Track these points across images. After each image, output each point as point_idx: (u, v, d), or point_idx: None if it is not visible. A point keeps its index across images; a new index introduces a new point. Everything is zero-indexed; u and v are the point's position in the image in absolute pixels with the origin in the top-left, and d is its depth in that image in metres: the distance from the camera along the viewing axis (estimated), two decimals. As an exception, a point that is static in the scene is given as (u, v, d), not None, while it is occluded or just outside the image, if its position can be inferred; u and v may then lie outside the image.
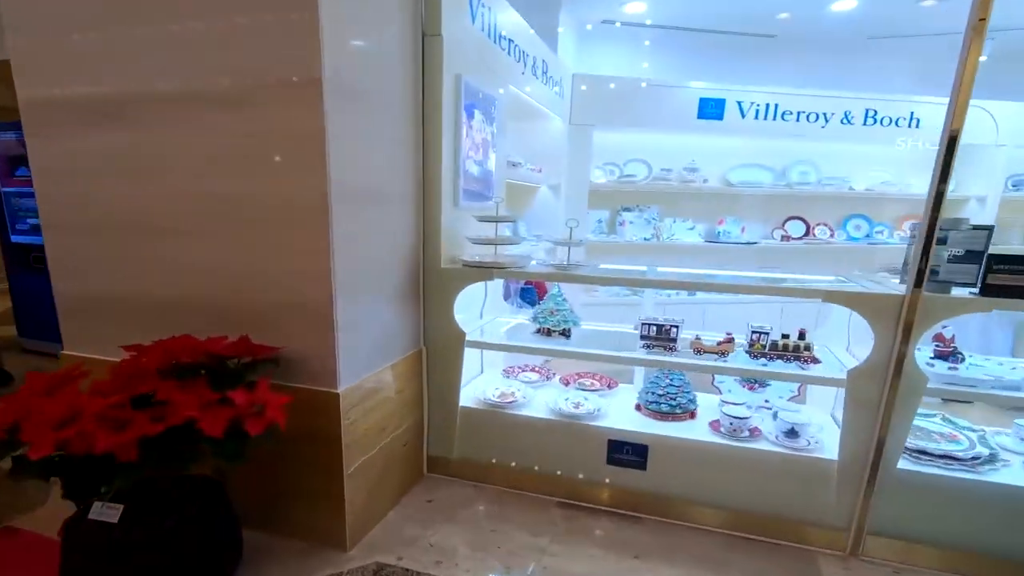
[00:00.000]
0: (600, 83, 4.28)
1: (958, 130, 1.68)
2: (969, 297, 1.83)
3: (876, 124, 4.65)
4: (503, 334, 2.82)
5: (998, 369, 2.10)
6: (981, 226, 1.84)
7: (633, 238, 4.86)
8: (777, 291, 2.03)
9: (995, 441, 2.27)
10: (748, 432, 2.32)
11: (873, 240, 5.35)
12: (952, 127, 1.69)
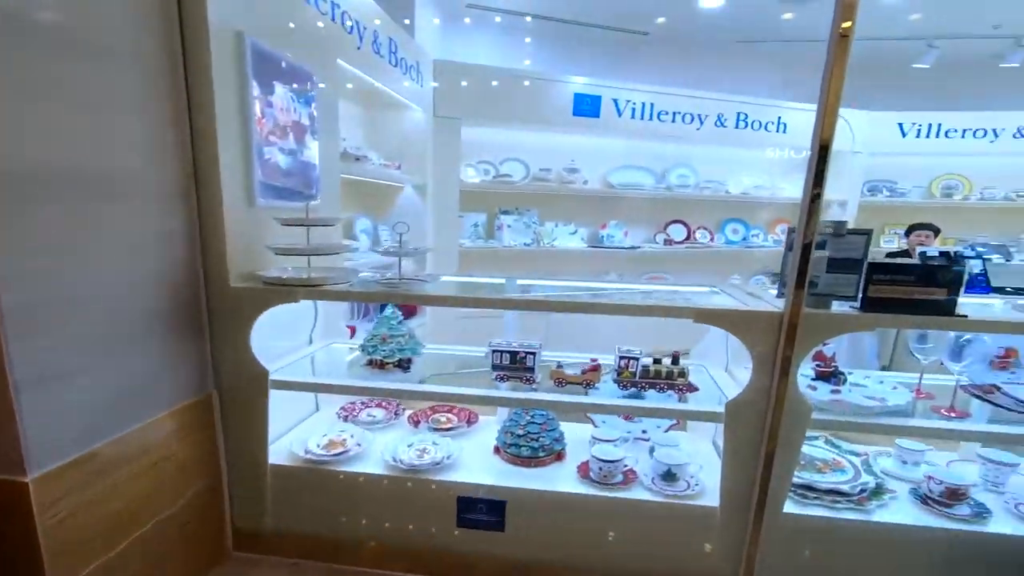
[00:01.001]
0: (466, 73, 3.85)
1: (829, 138, 1.43)
2: (851, 313, 1.57)
3: (747, 128, 4.63)
4: (346, 363, 2.29)
5: (879, 388, 1.90)
6: (858, 230, 1.59)
7: (512, 243, 4.48)
8: (644, 311, 1.67)
9: (879, 467, 2.09)
10: (621, 476, 1.96)
11: (750, 243, 5.38)
12: (823, 136, 1.43)
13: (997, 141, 5.01)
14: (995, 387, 1.82)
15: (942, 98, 5.09)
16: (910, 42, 4.66)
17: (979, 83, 5.18)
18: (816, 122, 1.46)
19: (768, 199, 5.22)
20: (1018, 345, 1.95)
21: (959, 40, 4.55)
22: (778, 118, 4.69)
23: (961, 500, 1.81)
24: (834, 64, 1.40)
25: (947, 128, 5.02)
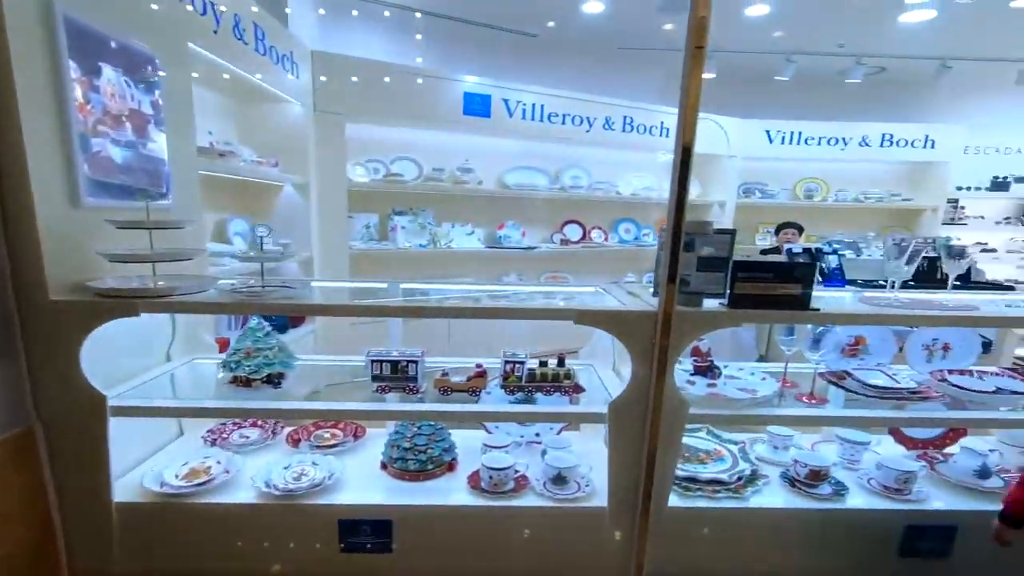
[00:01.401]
0: (349, 67, 3.65)
1: (690, 143, 1.46)
2: (720, 310, 1.63)
3: (634, 131, 4.81)
4: (214, 381, 2.04)
5: (752, 380, 2.00)
6: (724, 229, 1.66)
7: (407, 244, 4.33)
8: (523, 313, 1.63)
9: (754, 453, 2.21)
10: (513, 483, 1.91)
11: (641, 243, 5.60)
12: (684, 140, 1.47)
13: (847, 148, 5.60)
14: (847, 373, 1.98)
15: (801, 108, 5.62)
16: (773, 56, 5.09)
17: (830, 96, 5.78)
18: (678, 128, 1.48)
19: (656, 200, 5.47)
20: (866, 334, 2.14)
21: (812, 56, 5.02)
22: (661, 123, 4.92)
23: (823, 480, 1.95)
24: (691, 75, 1.43)
25: (806, 136, 5.53)
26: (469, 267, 4.83)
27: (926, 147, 5.62)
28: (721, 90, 5.97)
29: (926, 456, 2.19)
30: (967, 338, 2.14)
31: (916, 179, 6.01)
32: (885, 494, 1.94)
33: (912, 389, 1.87)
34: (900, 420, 1.86)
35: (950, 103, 6.09)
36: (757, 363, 2.22)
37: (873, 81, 5.78)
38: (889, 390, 1.86)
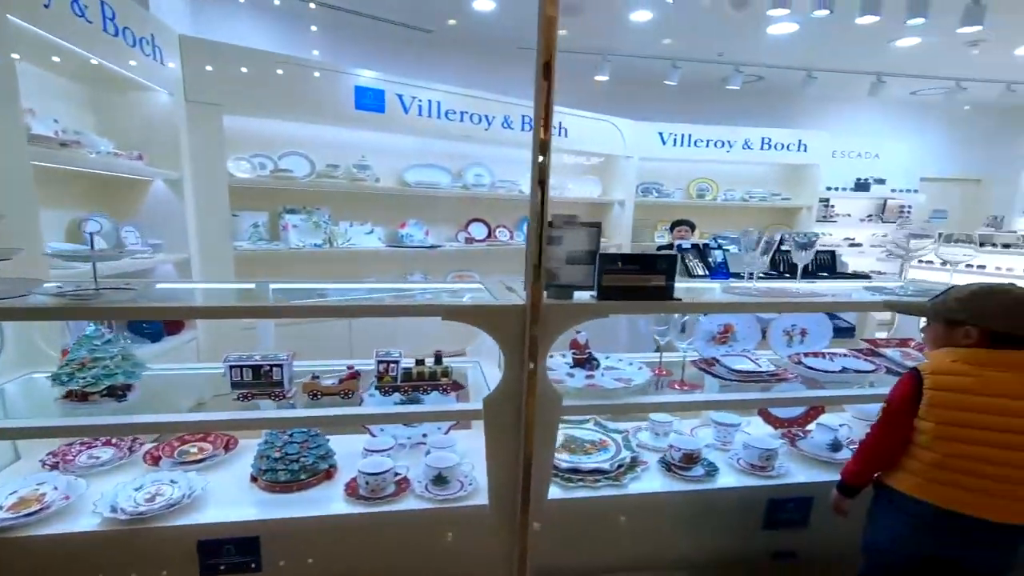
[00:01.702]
0: (225, 55, 3.41)
1: (546, 141, 1.47)
2: (590, 302, 1.65)
3: (532, 131, 4.86)
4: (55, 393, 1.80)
5: (629, 370, 2.06)
6: (589, 223, 1.68)
7: (300, 244, 4.11)
8: (394, 311, 1.58)
9: (637, 441, 2.28)
10: (394, 487, 1.85)
11: (545, 240, 5.67)
12: (541, 138, 1.48)
13: (732, 151, 5.98)
14: (716, 360, 2.09)
15: (690, 112, 5.95)
16: (662, 62, 5.34)
17: (714, 101, 6.17)
18: (535, 127, 1.49)
19: (558, 198, 5.57)
20: (734, 322, 2.27)
21: (696, 63, 5.33)
22: (559, 123, 5.00)
23: (696, 463, 2.04)
24: (542, 74, 1.44)
25: (696, 138, 5.86)
26: (371, 267, 4.68)
27: (799, 151, 6.13)
28: (616, 93, 6.22)
29: (789, 434, 2.36)
30: (821, 323, 2.33)
31: (793, 180, 6.53)
32: (751, 472, 2.06)
33: (771, 372, 2.01)
34: (752, 402, 1.97)
35: (817, 110, 6.69)
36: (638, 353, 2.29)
37: (752, 89, 6.23)
38: (751, 374, 1.98)
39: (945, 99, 6.62)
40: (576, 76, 5.61)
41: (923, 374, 1.37)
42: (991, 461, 1.28)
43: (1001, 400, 1.27)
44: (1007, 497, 1.28)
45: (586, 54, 5.11)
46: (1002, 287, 1.38)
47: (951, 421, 1.31)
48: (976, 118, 7.65)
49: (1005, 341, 1.32)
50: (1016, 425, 1.26)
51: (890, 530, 1.45)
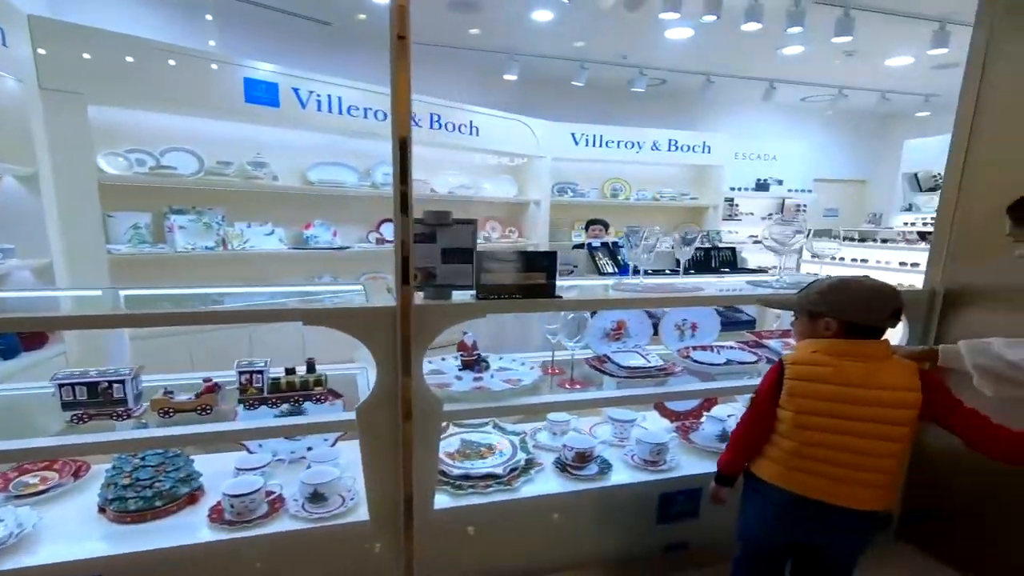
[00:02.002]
0: (87, 39, 3.07)
1: (405, 137, 1.38)
2: (469, 302, 1.59)
3: (442, 129, 4.77)
4: None
5: (520, 370, 2.01)
6: (463, 220, 1.62)
7: (188, 247, 3.80)
8: (246, 317, 1.44)
9: (535, 442, 2.24)
10: (266, 507, 1.70)
11: (462, 241, 5.60)
12: (400, 134, 1.38)
13: (641, 151, 6.15)
14: (607, 357, 2.08)
15: (600, 113, 6.06)
16: (569, 64, 5.40)
17: (622, 103, 6.32)
18: (393, 122, 1.40)
19: (474, 197, 5.51)
20: (627, 318, 2.28)
21: (602, 65, 5.42)
22: (470, 122, 4.94)
23: (589, 461, 2.03)
24: (398, 67, 1.36)
25: (607, 139, 5.97)
26: (273, 270, 4.41)
27: (704, 152, 6.39)
28: (528, 93, 6.23)
29: (683, 427, 2.41)
30: (709, 317, 2.39)
31: (699, 180, 6.81)
32: (643, 467, 2.07)
33: (660, 367, 2.02)
34: (635, 397, 1.94)
35: (719, 114, 7.02)
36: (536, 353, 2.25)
37: (657, 92, 6.44)
38: (640, 369, 1.99)
39: (830, 105, 7.13)
40: (486, 75, 5.58)
41: (786, 364, 1.39)
42: (845, 449, 1.31)
43: (854, 389, 1.31)
44: (860, 484, 1.33)
45: (495, 52, 5.08)
46: (857, 279, 1.42)
47: (808, 410, 1.33)
48: (859, 124, 8.32)
49: (861, 332, 1.36)
50: (867, 414, 1.30)
51: (757, 518, 1.48)
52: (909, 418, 1.31)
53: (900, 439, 1.32)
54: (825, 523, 1.37)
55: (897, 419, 1.30)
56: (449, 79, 5.20)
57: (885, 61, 5.65)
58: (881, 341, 1.37)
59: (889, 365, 1.34)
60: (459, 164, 5.36)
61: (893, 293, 1.39)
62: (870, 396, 1.30)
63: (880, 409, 1.29)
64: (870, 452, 1.31)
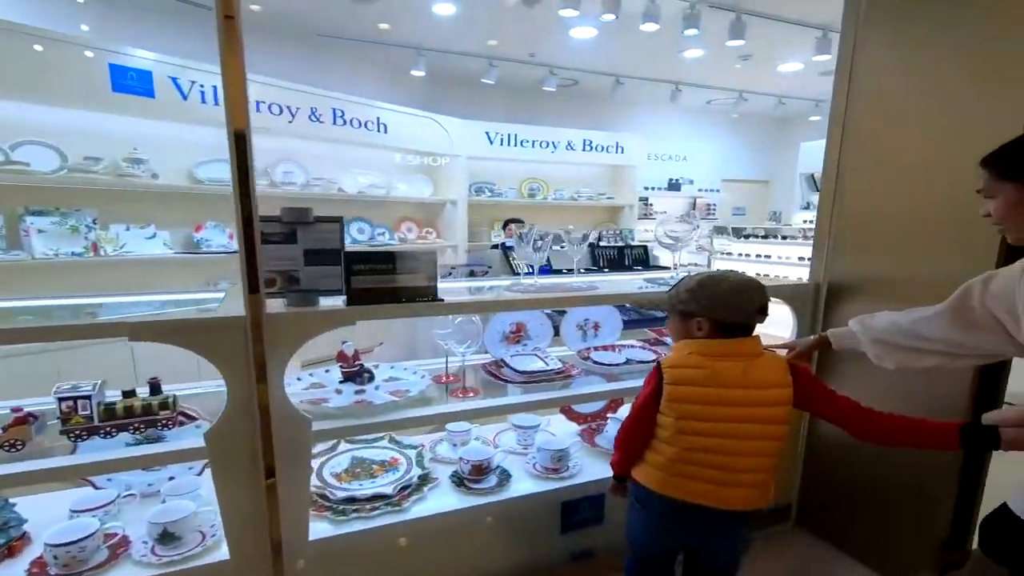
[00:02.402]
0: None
1: (242, 129, 1.21)
2: (338, 308, 1.43)
3: (347, 125, 4.52)
4: None
5: (409, 380, 1.86)
6: (327, 218, 1.46)
7: (51, 253, 3.36)
8: (57, 333, 1.20)
9: (433, 455, 2.10)
10: (106, 553, 1.46)
11: (377, 242, 5.37)
12: (235, 127, 1.21)
13: (556, 151, 6.15)
14: (503, 362, 1.98)
15: (514, 112, 6.01)
16: (478, 61, 5.30)
17: (535, 102, 6.31)
18: (227, 113, 1.22)
19: (387, 197, 5.29)
20: (526, 320, 2.19)
21: (512, 63, 5.37)
22: (377, 118, 4.72)
23: (487, 473, 1.91)
24: (228, 50, 1.18)
25: (521, 138, 5.92)
26: (160, 277, 3.99)
27: (618, 152, 6.49)
28: (437, 90, 6.07)
29: (589, 430, 2.35)
30: (611, 316, 2.35)
31: (615, 180, 6.91)
32: (545, 475, 1.98)
33: (558, 370, 1.94)
34: (520, 405, 1.82)
35: (631, 115, 7.17)
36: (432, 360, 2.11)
37: (569, 92, 6.47)
38: (538, 373, 1.90)
39: (733, 108, 7.47)
40: (393, 71, 5.37)
41: (663, 370, 1.32)
42: (725, 452, 1.27)
43: (730, 390, 1.25)
44: (741, 485, 1.29)
45: (401, 47, 4.89)
46: (723, 274, 1.36)
47: (688, 415, 1.27)
48: (761, 127, 8.78)
49: (732, 329, 1.31)
50: (745, 414, 1.25)
51: (641, 524, 1.43)
52: (785, 415, 1.27)
53: (778, 437, 1.29)
54: (708, 526, 1.33)
55: (774, 417, 1.27)
56: (353, 73, 4.95)
57: (778, 66, 5.96)
58: (753, 338, 1.33)
59: (762, 362, 1.30)
60: (369, 163, 5.12)
61: (759, 288, 1.33)
62: (748, 396, 1.25)
63: (757, 408, 1.26)
64: (750, 452, 1.27)
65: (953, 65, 1.71)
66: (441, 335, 1.82)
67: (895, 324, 1.39)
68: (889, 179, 1.91)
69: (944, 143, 1.74)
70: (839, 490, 2.20)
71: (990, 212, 1.15)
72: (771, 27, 4.60)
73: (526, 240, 1.82)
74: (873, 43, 1.94)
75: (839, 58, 2.05)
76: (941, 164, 1.74)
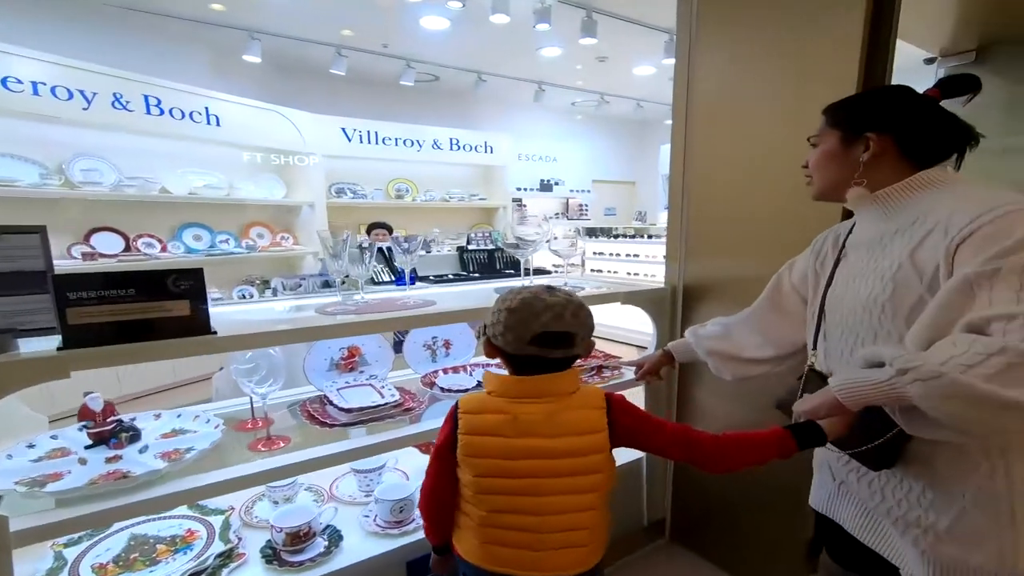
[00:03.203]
0: None
1: None
2: (45, 355, 1.00)
3: (165, 115, 3.85)
4: None
5: (192, 432, 1.45)
6: (18, 228, 1.04)
7: None
8: None
9: (250, 518, 1.69)
10: None
11: (219, 251, 4.69)
12: None
13: (422, 150, 5.83)
14: (326, 399, 1.63)
15: (372, 108, 5.59)
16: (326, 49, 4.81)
17: (396, 98, 5.95)
18: None
19: (227, 200, 4.64)
20: (360, 343, 1.85)
21: (366, 54, 4.96)
22: (206, 109, 4.09)
23: (310, 539, 1.55)
24: None
25: (383, 136, 5.52)
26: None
27: (487, 152, 6.31)
28: (281, 81, 5.47)
29: (445, 461, 2.06)
30: (463, 333, 2.08)
31: (487, 180, 6.74)
32: (385, 530, 1.66)
33: (395, 403, 1.63)
34: (342, 455, 1.45)
35: (498, 114, 7.04)
36: (236, 400, 1.70)
37: (431, 88, 6.19)
38: (369, 410, 1.57)
39: (596, 110, 7.63)
40: (224, 56, 4.68)
41: (459, 415, 1.07)
42: (536, 512, 1.04)
43: (535, 440, 1.02)
44: (559, 547, 1.05)
45: (233, 28, 4.26)
46: (517, 292, 1.07)
47: (487, 472, 1.03)
48: (624, 129, 9.11)
49: (524, 366, 1.06)
50: (550, 467, 1.02)
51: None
52: (601, 462, 1.05)
53: (595, 488, 1.05)
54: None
55: (588, 467, 1.04)
56: (169, 55, 4.24)
57: (633, 69, 6.12)
58: (565, 373, 1.06)
59: (574, 401, 1.05)
60: (204, 160, 4.45)
61: (540, 311, 1.02)
62: (556, 447, 1.02)
63: (567, 460, 1.03)
64: (564, 509, 1.04)
65: (775, 65, 1.71)
66: (238, 371, 1.43)
67: (724, 330, 1.39)
68: (729, 180, 1.88)
69: (773, 142, 1.71)
70: (710, 502, 2.13)
71: (808, 161, 1.12)
72: (622, 28, 4.64)
73: (335, 250, 1.49)
74: (705, 45, 1.93)
75: (677, 60, 2.02)
76: (771, 164, 1.72)
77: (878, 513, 1.04)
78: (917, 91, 1.03)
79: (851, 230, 1.14)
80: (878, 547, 1.06)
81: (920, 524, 0.95)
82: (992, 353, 0.72)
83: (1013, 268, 0.77)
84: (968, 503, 0.90)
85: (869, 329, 0.98)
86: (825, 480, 1.20)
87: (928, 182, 0.97)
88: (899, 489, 0.99)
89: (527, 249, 1.82)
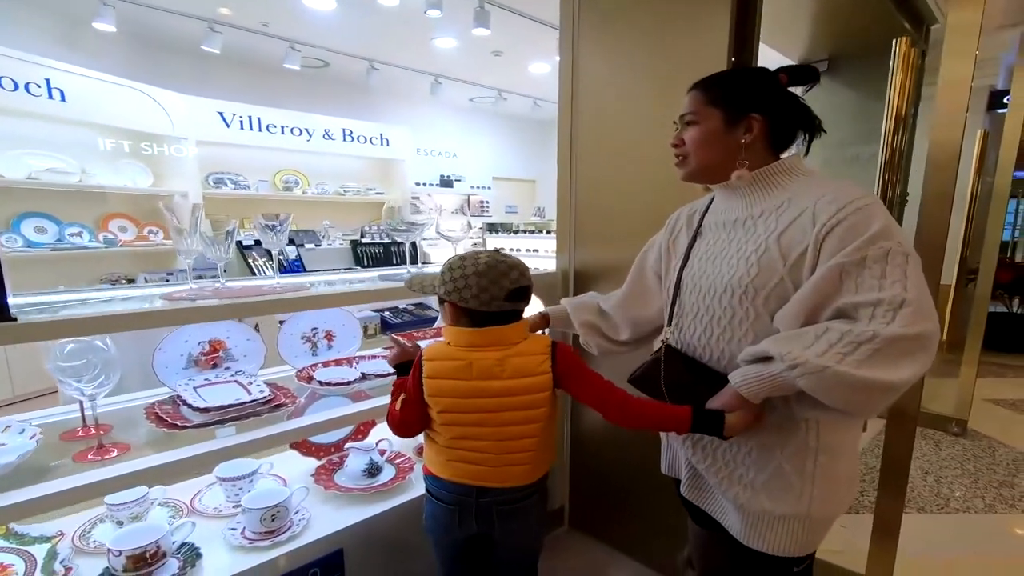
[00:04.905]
0: None
1: None
2: None
3: (-4, 88, 3.30)
4: None
5: (16, 443, 1.21)
6: None
7: None
8: None
9: (85, 543, 1.45)
10: None
11: (68, 244, 4.11)
12: None
13: (312, 140, 5.50)
14: (179, 399, 1.43)
15: (253, 92, 5.18)
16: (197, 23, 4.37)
17: (279, 83, 5.57)
18: None
19: (79, 187, 4.08)
20: (225, 335, 1.66)
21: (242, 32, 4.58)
22: (47, 81, 3.55)
23: (157, 561, 1.34)
24: None
25: (267, 123, 5.14)
26: None
27: (384, 145, 6.08)
28: (141, 54, 4.92)
29: (329, 464, 1.91)
30: (348, 323, 1.94)
31: (384, 174, 6.50)
32: (256, 542, 1.48)
33: (264, 399, 1.46)
34: (188, 463, 1.27)
35: (395, 107, 6.83)
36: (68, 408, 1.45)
37: (321, 75, 5.87)
38: (229, 408, 1.39)
39: (494, 107, 7.63)
40: (65, 19, 4.08)
41: (423, 361, 1.20)
42: (490, 438, 1.18)
43: (488, 382, 1.16)
44: (509, 464, 1.21)
45: None
46: (475, 255, 1.18)
47: (448, 408, 1.18)
48: (524, 127, 9.20)
49: (485, 319, 1.17)
50: (504, 403, 1.16)
51: (435, 513, 1.28)
52: (547, 399, 1.20)
53: (539, 418, 1.20)
54: (488, 509, 1.23)
55: (535, 403, 1.19)
56: (2, 17, 3.65)
57: (528, 67, 6.16)
58: (515, 325, 1.20)
59: (523, 348, 1.19)
60: (45, 141, 3.87)
61: (507, 271, 1.16)
62: (507, 387, 1.16)
63: (518, 397, 1.17)
64: (512, 436, 1.19)
65: (650, 63, 1.79)
66: (56, 368, 1.21)
67: (600, 311, 1.41)
68: (612, 172, 1.97)
69: (650, 135, 1.79)
70: (604, 488, 2.17)
71: (683, 139, 1.09)
72: (516, 22, 4.62)
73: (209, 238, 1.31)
74: (585, 40, 1.99)
75: (561, 55, 2.06)
76: (647, 155, 1.82)
77: (708, 474, 1.11)
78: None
79: (707, 208, 1.15)
80: (704, 505, 1.15)
81: (741, 480, 1.04)
82: (862, 342, 0.81)
83: (876, 257, 0.85)
84: (783, 459, 0.99)
85: (728, 308, 1.01)
86: (667, 446, 1.28)
87: (793, 169, 1.02)
88: (728, 451, 1.06)
89: (415, 232, 1.74)
